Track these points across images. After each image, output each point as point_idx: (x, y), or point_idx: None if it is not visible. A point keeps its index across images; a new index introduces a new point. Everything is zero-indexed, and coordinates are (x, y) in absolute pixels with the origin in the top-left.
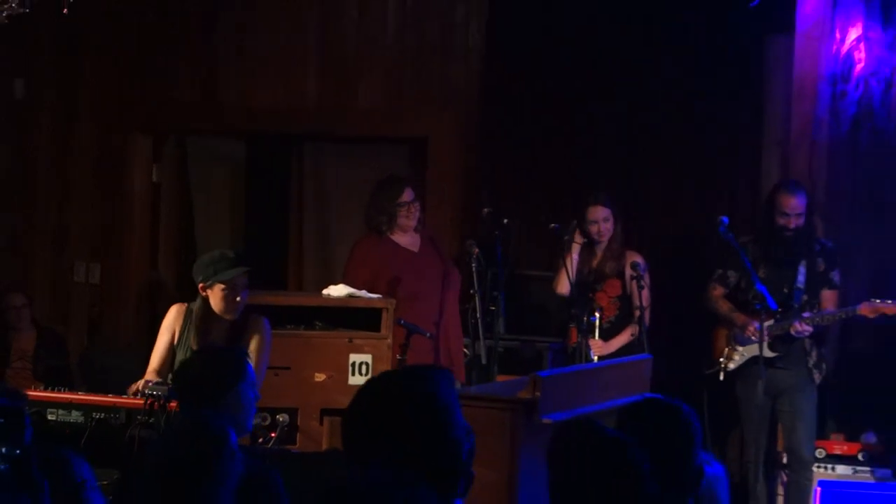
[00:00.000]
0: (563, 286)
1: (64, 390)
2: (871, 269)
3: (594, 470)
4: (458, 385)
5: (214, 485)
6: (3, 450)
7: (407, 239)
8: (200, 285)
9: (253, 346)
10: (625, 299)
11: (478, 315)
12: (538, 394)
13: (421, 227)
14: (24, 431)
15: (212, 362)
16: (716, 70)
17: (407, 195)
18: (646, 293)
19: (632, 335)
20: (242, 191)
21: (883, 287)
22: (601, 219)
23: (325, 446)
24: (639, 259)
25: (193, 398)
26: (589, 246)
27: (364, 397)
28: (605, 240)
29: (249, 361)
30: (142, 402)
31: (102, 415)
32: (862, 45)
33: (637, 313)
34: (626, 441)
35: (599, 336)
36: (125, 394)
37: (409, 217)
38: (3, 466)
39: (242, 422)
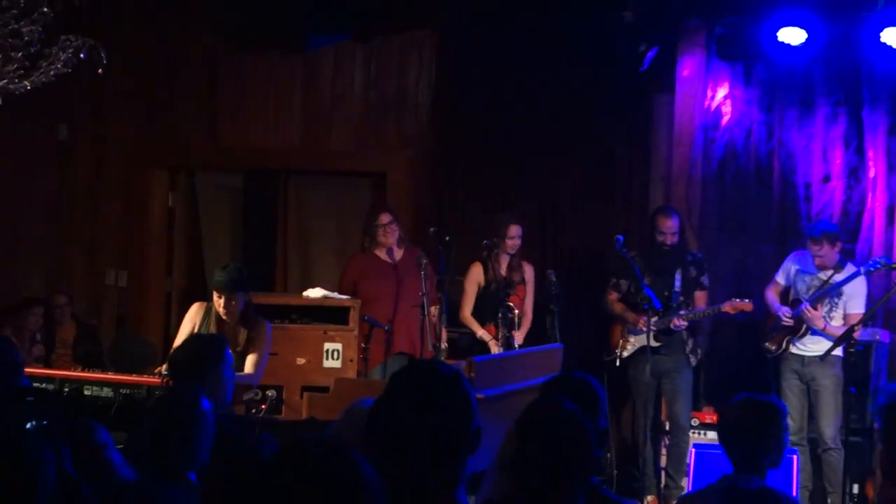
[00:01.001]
0: (467, 308)
1: (97, 371)
2: (734, 275)
3: (561, 438)
4: None
5: (189, 439)
6: (34, 422)
7: (388, 253)
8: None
9: (256, 343)
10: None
11: (426, 312)
12: (473, 375)
13: (404, 244)
14: (50, 408)
15: (197, 347)
16: (615, 121)
17: (383, 218)
18: (530, 299)
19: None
20: (240, 214)
21: (743, 289)
22: (517, 235)
23: (304, 416)
24: (531, 269)
25: (183, 376)
26: (496, 258)
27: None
28: (514, 252)
29: (228, 348)
30: (159, 380)
31: (128, 391)
32: (728, 102)
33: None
34: (583, 414)
35: (517, 329)
36: (148, 374)
37: (385, 235)
38: (30, 425)
39: (222, 395)
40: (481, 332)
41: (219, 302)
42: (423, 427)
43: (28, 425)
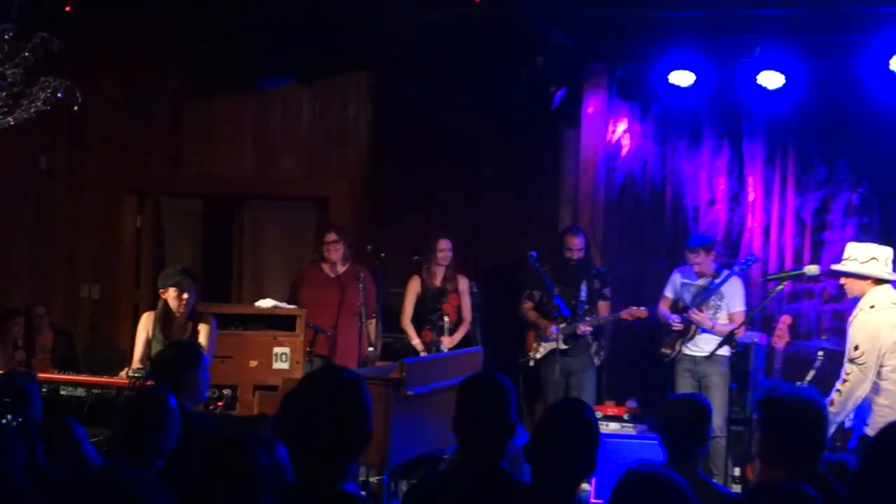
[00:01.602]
0: (407, 316)
1: (72, 373)
2: (633, 285)
3: (494, 407)
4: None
5: (158, 430)
6: (10, 417)
7: (328, 268)
8: (160, 291)
9: (203, 334)
10: (460, 308)
11: (363, 320)
12: (404, 374)
13: (348, 260)
14: (27, 405)
15: (177, 353)
16: (530, 152)
17: (329, 237)
18: (466, 307)
19: (466, 329)
20: (200, 235)
21: (641, 298)
22: (447, 248)
23: (256, 412)
24: (468, 281)
25: (164, 378)
26: (429, 271)
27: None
28: (445, 264)
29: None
30: (127, 381)
31: (99, 390)
32: (627, 135)
33: (468, 318)
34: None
35: (448, 334)
36: (117, 376)
37: (330, 252)
38: (5, 420)
39: (198, 395)
40: (415, 341)
41: (176, 297)
42: (320, 422)
43: (3, 421)
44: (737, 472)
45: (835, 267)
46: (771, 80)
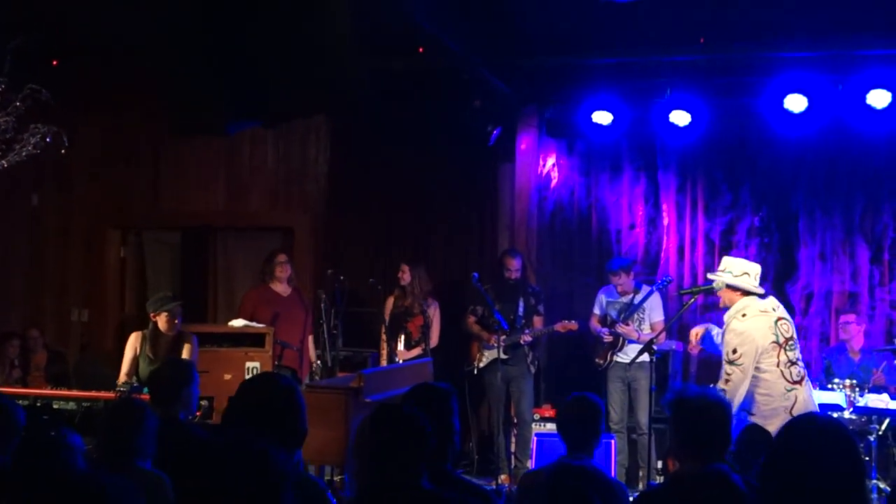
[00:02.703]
0: (384, 328)
1: (64, 388)
2: (564, 301)
3: (398, 435)
4: (305, 381)
5: (132, 436)
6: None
7: (280, 287)
8: (151, 314)
9: (186, 351)
10: (425, 328)
11: (325, 336)
12: (362, 384)
13: (292, 281)
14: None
15: (174, 370)
16: (470, 184)
17: (280, 258)
18: (435, 327)
19: (422, 349)
20: (178, 263)
21: (571, 313)
22: (404, 271)
23: None
24: (437, 306)
25: (161, 393)
26: (402, 292)
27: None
28: (405, 284)
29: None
30: (114, 395)
31: (88, 403)
32: (556, 168)
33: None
34: (419, 414)
35: (406, 349)
36: (104, 390)
37: (281, 270)
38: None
39: (191, 407)
40: (381, 354)
41: (166, 320)
42: (261, 421)
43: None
44: (659, 465)
45: (711, 275)
46: (680, 118)
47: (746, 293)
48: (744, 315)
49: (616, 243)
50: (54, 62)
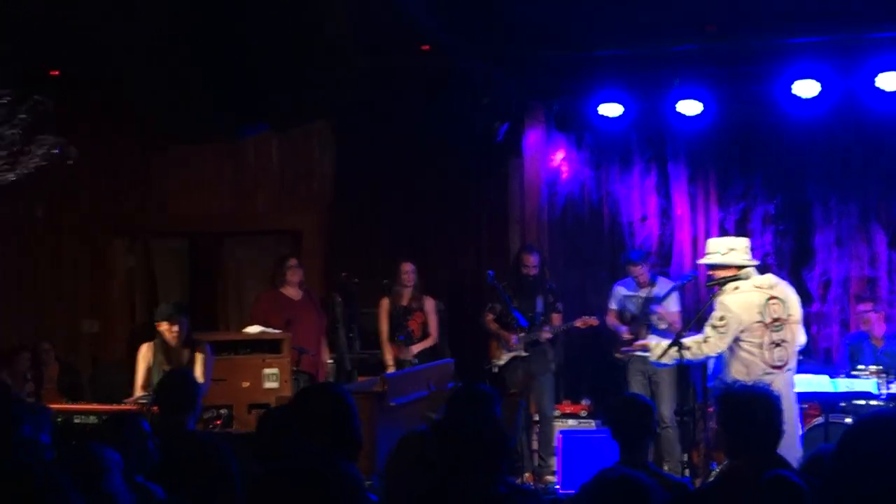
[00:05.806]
0: (383, 334)
1: (81, 402)
2: (577, 295)
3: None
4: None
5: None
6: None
7: (292, 291)
8: (156, 324)
9: (199, 360)
10: (425, 324)
11: (342, 339)
12: (386, 387)
13: (304, 285)
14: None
15: (186, 382)
16: (479, 180)
17: (292, 262)
18: (432, 323)
19: (433, 343)
20: (187, 270)
21: (585, 306)
22: (410, 270)
23: (252, 428)
24: (434, 301)
25: (176, 403)
26: (397, 292)
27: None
28: (410, 285)
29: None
30: (136, 407)
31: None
32: (565, 162)
33: (435, 334)
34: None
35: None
36: (119, 401)
37: (293, 275)
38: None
39: (198, 413)
40: (386, 357)
41: (168, 329)
42: (319, 432)
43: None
44: (685, 458)
45: (700, 261)
46: (689, 107)
47: (740, 267)
48: (736, 288)
49: (629, 236)
50: (55, 72)
